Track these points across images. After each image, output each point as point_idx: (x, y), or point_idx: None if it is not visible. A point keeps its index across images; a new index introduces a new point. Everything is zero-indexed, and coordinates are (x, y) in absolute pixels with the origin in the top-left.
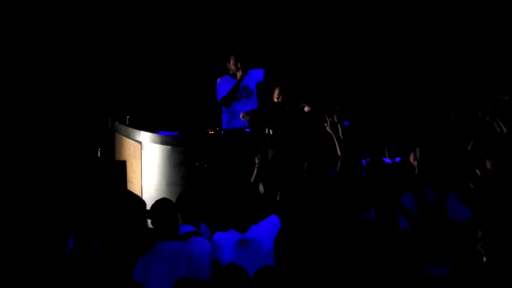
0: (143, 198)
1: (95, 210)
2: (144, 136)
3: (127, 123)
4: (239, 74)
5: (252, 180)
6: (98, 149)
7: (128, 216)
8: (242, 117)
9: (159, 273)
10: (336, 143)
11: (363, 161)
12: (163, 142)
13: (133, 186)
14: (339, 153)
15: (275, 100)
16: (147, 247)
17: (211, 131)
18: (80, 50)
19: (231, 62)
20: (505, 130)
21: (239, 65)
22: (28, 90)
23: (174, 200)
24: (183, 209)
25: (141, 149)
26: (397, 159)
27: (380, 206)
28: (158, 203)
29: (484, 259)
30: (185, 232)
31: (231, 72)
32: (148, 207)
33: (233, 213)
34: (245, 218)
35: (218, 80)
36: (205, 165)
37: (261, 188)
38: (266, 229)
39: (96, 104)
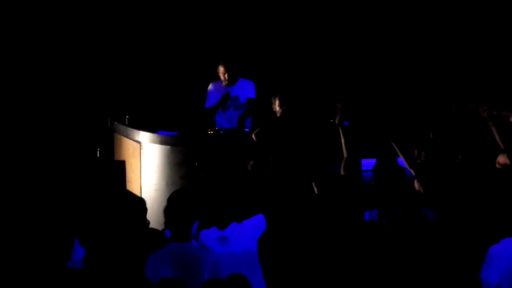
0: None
1: (94, 210)
2: (143, 136)
3: (126, 123)
4: (225, 83)
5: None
6: (97, 149)
7: (127, 215)
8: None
9: (170, 273)
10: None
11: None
12: (162, 142)
13: (132, 186)
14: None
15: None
16: (156, 246)
17: (211, 131)
18: (80, 50)
19: (220, 70)
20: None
21: (226, 77)
22: (28, 90)
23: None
24: (174, 211)
25: (140, 149)
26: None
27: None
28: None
29: None
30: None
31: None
32: (147, 207)
33: (217, 210)
34: (227, 215)
35: (210, 85)
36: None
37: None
38: (249, 228)
39: (95, 104)
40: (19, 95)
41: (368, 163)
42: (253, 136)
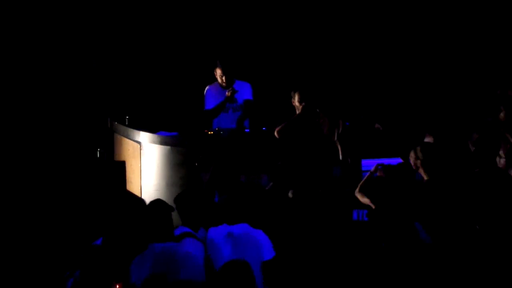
0: (142, 198)
1: (95, 210)
2: (144, 137)
3: (127, 123)
4: (228, 93)
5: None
6: (97, 150)
7: (128, 216)
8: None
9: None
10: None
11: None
12: (162, 143)
13: (133, 186)
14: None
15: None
16: (141, 248)
17: (211, 132)
18: (80, 51)
19: (217, 72)
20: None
21: (224, 80)
22: (28, 90)
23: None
24: (182, 210)
25: (140, 150)
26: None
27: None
28: (153, 204)
29: None
30: (180, 233)
31: (219, 81)
32: None
33: (227, 209)
34: (238, 213)
35: (207, 88)
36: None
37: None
38: (259, 240)
39: (95, 104)
40: (19, 96)
41: (368, 163)
42: (275, 133)
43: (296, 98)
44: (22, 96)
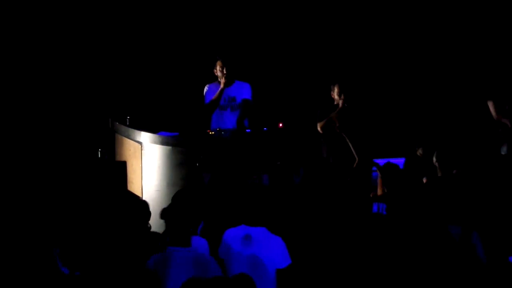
0: (143, 198)
1: (95, 211)
2: (145, 137)
3: (128, 123)
4: (222, 81)
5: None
6: (98, 150)
7: (130, 217)
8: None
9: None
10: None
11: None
12: (163, 143)
13: (134, 186)
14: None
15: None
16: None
17: (212, 132)
18: (81, 51)
19: (217, 67)
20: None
21: (224, 71)
22: (28, 90)
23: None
24: (179, 209)
25: (141, 150)
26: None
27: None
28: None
29: None
30: None
31: (219, 79)
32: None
33: (245, 209)
34: (257, 214)
35: (207, 86)
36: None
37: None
38: (275, 247)
39: (96, 105)
40: (20, 96)
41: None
42: (318, 128)
43: (336, 90)
44: (24, 97)
